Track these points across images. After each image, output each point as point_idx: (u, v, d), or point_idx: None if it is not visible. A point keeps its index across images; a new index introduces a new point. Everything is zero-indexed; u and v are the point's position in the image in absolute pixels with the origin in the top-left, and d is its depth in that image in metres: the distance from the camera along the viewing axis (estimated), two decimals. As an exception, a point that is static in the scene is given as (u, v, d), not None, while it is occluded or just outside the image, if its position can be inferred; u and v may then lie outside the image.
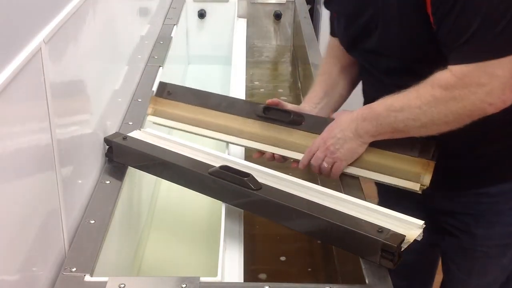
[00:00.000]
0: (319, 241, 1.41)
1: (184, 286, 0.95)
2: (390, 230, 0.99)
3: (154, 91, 1.57)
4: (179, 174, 1.21)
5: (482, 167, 1.23)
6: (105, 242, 1.07)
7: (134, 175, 1.36)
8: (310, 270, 1.42)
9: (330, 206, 1.07)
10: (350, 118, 1.17)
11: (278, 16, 2.53)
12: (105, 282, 0.95)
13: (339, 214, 1.05)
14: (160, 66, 1.75)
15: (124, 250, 1.33)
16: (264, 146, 1.30)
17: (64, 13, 1.05)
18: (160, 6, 2.13)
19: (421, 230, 1.01)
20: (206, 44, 2.49)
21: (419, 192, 1.16)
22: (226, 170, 1.13)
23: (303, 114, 1.29)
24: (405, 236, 0.98)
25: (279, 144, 1.28)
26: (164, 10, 2.19)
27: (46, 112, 0.96)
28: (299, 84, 2.19)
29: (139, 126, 1.42)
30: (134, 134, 1.33)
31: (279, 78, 2.39)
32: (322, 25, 3.00)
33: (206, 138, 1.38)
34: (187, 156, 1.24)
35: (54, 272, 0.99)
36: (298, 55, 2.30)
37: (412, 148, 1.17)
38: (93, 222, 1.10)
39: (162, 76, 1.70)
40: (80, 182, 1.15)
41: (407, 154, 1.17)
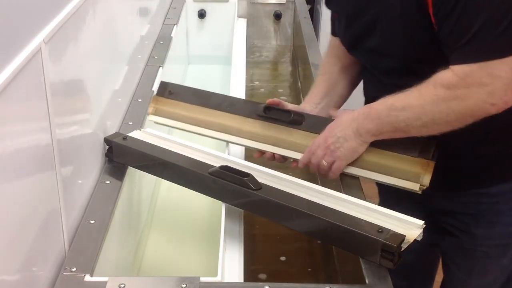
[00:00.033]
0: (319, 241, 1.41)
1: (184, 286, 0.95)
2: (390, 230, 0.99)
3: (154, 91, 1.57)
4: (179, 174, 1.21)
5: (482, 167, 1.23)
6: (105, 242, 1.07)
7: (134, 175, 1.36)
8: (310, 270, 1.42)
9: (330, 206, 1.07)
10: (351, 117, 1.17)
11: (278, 16, 2.52)
12: (105, 282, 0.95)
13: (339, 214, 1.04)
14: (160, 66, 1.75)
15: (124, 250, 1.33)
16: (264, 145, 1.30)
17: (64, 13, 1.05)
18: (160, 6, 2.13)
19: (421, 230, 1.01)
20: (206, 44, 2.49)
21: (419, 192, 1.16)
22: (226, 170, 1.13)
23: (304, 114, 1.29)
24: (405, 236, 0.98)
25: (280, 143, 1.28)
26: (164, 10, 2.19)
27: (46, 112, 0.96)
28: (299, 84, 2.19)
29: (139, 126, 1.42)
30: (134, 134, 1.33)
31: (279, 78, 2.38)
32: (322, 25, 3.00)
33: (206, 138, 1.38)
34: (187, 156, 1.24)
35: (54, 272, 0.99)
36: (298, 55, 2.30)
37: (412, 148, 1.17)
38: (93, 222, 1.10)
39: (162, 76, 1.70)
40: (80, 182, 1.15)
41: (407, 154, 1.17)
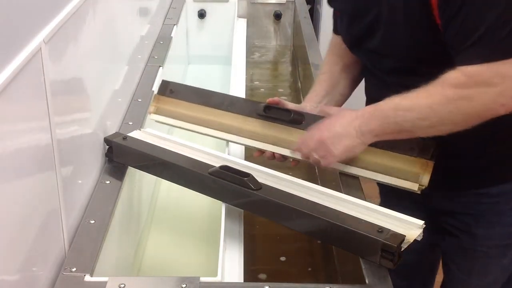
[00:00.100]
0: (319, 241, 1.40)
1: (184, 286, 0.95)
2: (390, 230, 0.99)
3: (154, 91, 1.57)
4: (179, 174, 1.21)
5: (482, 167, 1.23)
6: (105, 242, 1.07)
7: (134, 175, 1.36)
8: (310, 270, 1.42)
9: (330, 206, 1.07)
10: (354, 115, 1.14)
11: (278, 16, 2.52)
12: (105, 282, 0.96)
13: (339, 214, 1.04)
14: (160, 66, 1.75)
15: (124, 250, 1.33)
16: (264, 145, 1.30)
17: (64, 13, 1.05)
18: (160, 6, 2.13)
19: (421, 230, 1.01)
20: (206, 44, 2.49)
21: (418, 192, 1.16)
22: (226, 170, 1.13)
23: (304, 113, 1.29)
24: (405, 236, 0.98)
25: (279, 143, 1.28)
26: (164, 10, 2.19)
27: (46, 112, 0.96)
28: (299, 84, 2.19)
29: (139, 126, 1.42)
30: (134, 134, 1.33)
31: (279, 78, 2.38)
32: (322, 25, 3.00)
33: (207, 138, 1.38)
34: (187, 156, 1.24)
35: (54, 272, 0.99)
36: (298, 55, 2.30)
37: (411, 148, 1.16)
38: (93, 222, 1.10)
39: (162, 76, 1.70)
40: (80, 182, 1.15)
41: (406, 154, 1.17)
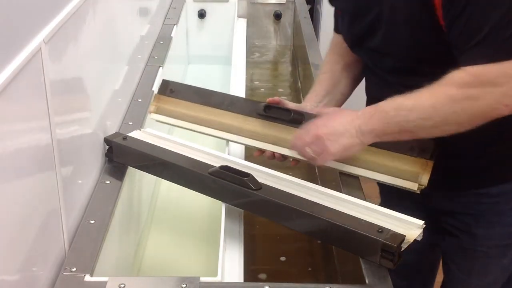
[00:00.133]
0: (319, 241, 1.40)
1: (184, 286, 0.95)
2: (390, 230, 0.99)
3: (154, 91, 1.57)
4: (179, 174, 1.21)
5: (482, 167, 1.23)
6: (105, 242, 1.07)
7: (134, 175, 1.36)
8: (310, 270, 1.42)
9: (330, 206, 1.07)
10: (355, 115, 1.12)
11: (278, 16, 2.52)
12: (105, 282, 0.96)
13: (339, 214, 1.04)
14: (160, 66, 1.75)
15: (124, 250, 1.33)
16: (264, 144, 1.30)
17: (64, 13, 1.05)
18: (160, 6, 2.13)
19: (421, 230, 1.01)
20: (206, 44, 2.49)
21: (417, 191, 1.16)
22: (226, 170, 1.13)
23: (304, 113, 1.29)
24: (405, 236, 0.98)
25: (279, 142, 1.28)
26: (164, 10, 2.19)
27: (46, 112, 0.96)
28: (299, 84, 2.19)
29: (139, 126, 1.42)
30: (134, 134, 1.34)
31: (279, 78, 2.38)
32: (322, 25, 3.00)
33: (207, 138, 1.38)
34: (187, 156, 1.24)
35: (54, 272, 0.99)
36: (298, 55, 2.30)
37: (410, 147, 1.16)
38: (93, 222, 1.10)
39: (162, 76, 1.70)
40: (80, 182, 1.15)
41: (406, 154, 1.17)
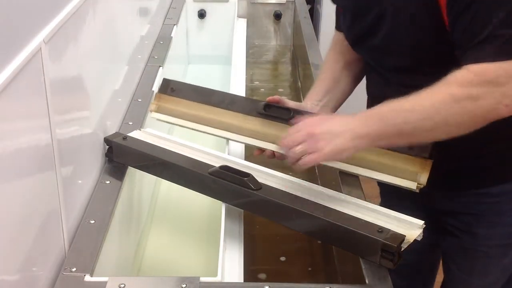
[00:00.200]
0: (319, 241, 1.40)
1: (184, 286, 0.95)
2: (390, 230, 0.99)
3: (154, 91, 1.57)
4: (179, 174, 1.21)
5: (483, 167, 1.22)
6: (105, 242, 1.07)
7: (134, 175, 1.36)
8: (310, 270, 1.42)
9: (330, 206, 1.07)
10: (351, 118, 1.09)
11: (278, 16, 2.52)
12: (105, 282, 0.96)
13: (339, 214, 1.05)
14: (160, 66, 1.75)
15: (124, 250, 1.33)
16: (264, 143, 1.30)
17: (64, 13, 1.05)
18: (160, 6, 2.13)
19: (421, 230, 1.01)
20: (206, 44, 2.49)
21: (416, 191, 1.15)
22: (226, 170, 1.13)
23: (303, 112, 1.29)
24: (405, 236, 0.98)
25: (279, 141, 1.28)
26: (164, 10, 2.19)
27: (46, 112, 0.96)
28: (299, 83, 2.19)
29: (139, 126, 1.42)
30: (134, 134, 1.34)
31: (279, 78, 2.39)
32: (322, 25, 3.00)
33: (207, 137, 1.38)
34: (187, 156, 1.24)
35: (54, 272, 0.99)
36: (298, 55, 2.30)
37: (409, 146, 1.16)
38: (93, 222, 1.10)
39: (162, 76, 1.70)
40: (80, 182, 1.15)
41: (405, 153, 1.16)
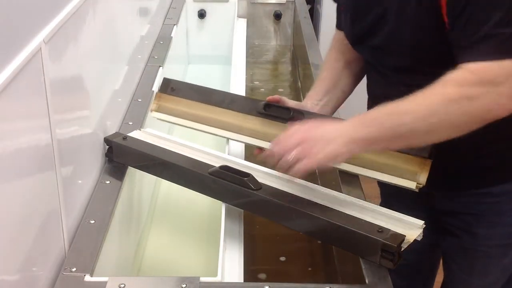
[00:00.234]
0: (319, 241, 1.40)
1: (184, 286, 0.95)
2: (390, 230, 0.99)
3: (154, 91, 1.57)
4: (179, 174, 1.21)
5: (483, 167, 1.22)
6: (105, 242, 1.07)
7: (134, 175, 1.36)
8: (310, 270, 1.42)
9: (330, 206, 1.07)
10: (344, 122, 1.07)
11: (278, 16, 2.52)
12: (105, 282, 0.96)
13: (339, 214, 1.05)
14: (160, 66, 1.75)
15: (124, 250, 1.33)
16: (264, 143, 1.30)
17: (64, 13, 1.05)
18: (160, 6, 2.13)
19: (421, 230, 1.01)
20: (206, 44, 2.49)
21: (416, 190, 1.15)
22: (226, 170, 1.13)
23: (303, 111, 1.29)
24: (405, 236, 0.98)
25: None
26: (164, 10, 2.19)
27: (46, 112, 0.96)
28: (299, 83, 2.19)
29: (139, 126, 1.42)
30: (134, 134, 1.34)
31: (279, 78, 2.39)
32: (322, 25, 3.00)
33: (207, 137, 1.39)
34: (187, 156, 1.24)
35: (54, 272, 0.99)
36: (298, 55, 2.30)
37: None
38: (93, 222, 1.10)
39: (162, 76, 1.70)
40: (80, 182, 1.15)
41: (404, 152, 1.16)
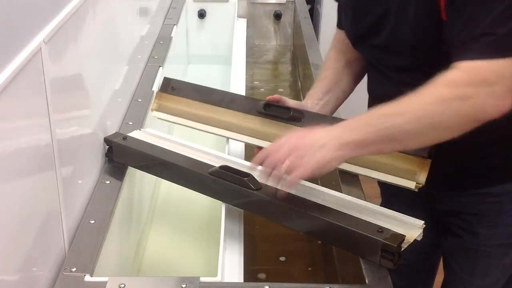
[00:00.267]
0: (319, 241, 1.40)
1: (184, 286, 0.95)
2: (390, 230, 0.99)
3: (154, 91, 1.57)
4: (179, 174, 1.21)
5: (483, 168, 1.22)
6: (105, 242, 1.07)
7: (134, 175, 1.36)
8: (310, 270, 1.42)
9: (330, 206, 1.07)
10: (331, 129, 1.05)
11: (278, 16, 2.52)
12: (105, 282, 0.96)
13: (339, 214, 1.05)
14: (160, 66, 1.75)
15: (124, 250, 1.33)
16: (264, 142, 1.30)
17: (64, 13, 1.05)
18: (160, 6, 2.13)
19: (421, 230, 1.01)
20: (206, 44, 2.49)
21: (415, 190, 1.15)
22: (226, 170, 1.13)
23: (303, 111, 1.29)
24: (405, 236, 0.98)
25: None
26: (164, 10, 2.19)
27: (46, 112, 0.96)
28: (299, 83, 2.19)
29: (139, 126, 1.42)
30: (134, 134, 1.34)
31: (279, 78, 2.39)
32: (322, 25, 3.00)
33: (207, 136, 1.39)
34: (187, 156, 1.24)
35: (54, 272, 0.99)
36: (298, 55, 2.30)
37: None
38: (93, 222, 1.10)
39: (162, 76, 1.70)
40: (80, 182, 1.15)
41: (403, 152, 1.16)
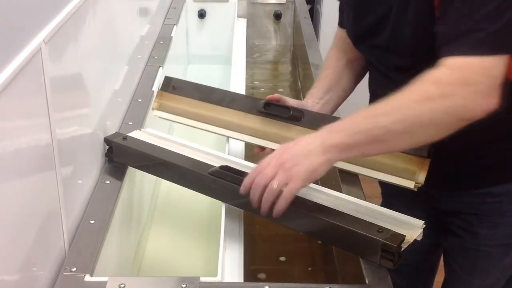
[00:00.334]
0: (319, 241, 1.40)
1: (184, 286, 0.95)
2: (390, 230, 0.99)
3: (154, 91, 1.57)
4: (179, 174, 1.21)
5: (483, 167, 1.22)
6: (105, 242, 1.07)
7: (134, 175, 1.36)
8: (310, 270, 1.42)
9: (330, 206, 1.07)
10: (314, 134, 1.04)
11: (278, 16, 2.52)
12: (105, 282, 0.96)
13: (339, 214, 1.04)
14: (160, 66, 1.75)
15: (124, 250, 1.33)
16: (264, 141, 1.30)
17: (64, 13, 1.05)
18: (160, 6, 2.13)
19: (421, 230, 1.01)
20: (206, 44, 2.49)
21: (414, 189, 1.15)
22: (226, 170, 1.13)
23: (303, 110, 1.29)
24: (405, 236, 0.98)
25: (279, 139, 1.27)
26: (164, 10, 2.19)
27: (46, 112, 0.96)
28: (299, 83, 2.19)
29: (139, 126, 1.42)
30: (134, 134, 1.34)
31: (279, 78, 2.39)
32: (322, 25, 3.00)
33: (207, 136, 1.39)
34: (187, 156, 1.24)
35: (54, 272, 0.99)
36: (298, 55, 2.30)
37: None
38: (93, 222, 1.10)
39: (162, 76, 1.70)
40: (80, 182, 1.15)
41: (403, 152, 1.16)
